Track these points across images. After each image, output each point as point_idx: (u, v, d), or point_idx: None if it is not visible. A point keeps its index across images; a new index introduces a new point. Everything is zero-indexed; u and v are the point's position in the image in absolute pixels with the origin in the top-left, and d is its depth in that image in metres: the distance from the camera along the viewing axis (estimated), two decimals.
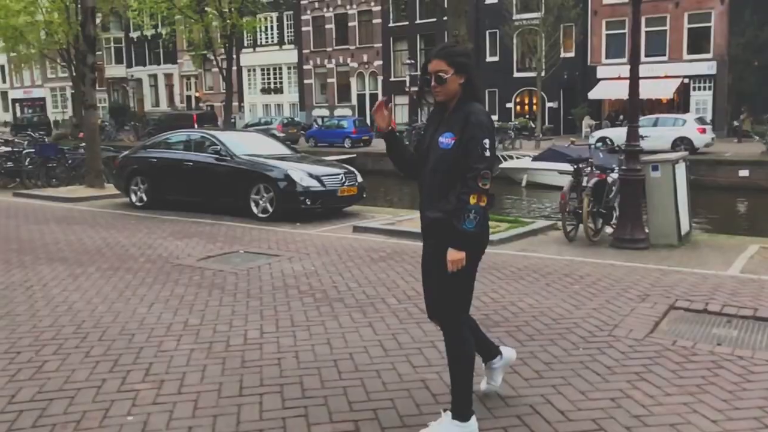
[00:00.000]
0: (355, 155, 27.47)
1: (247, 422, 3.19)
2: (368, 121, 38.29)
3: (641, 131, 7.93)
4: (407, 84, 38.54)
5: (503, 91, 37.37)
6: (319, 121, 39.91)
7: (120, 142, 34.79)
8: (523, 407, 3.32)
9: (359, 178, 10.59)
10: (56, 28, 39.61)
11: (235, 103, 41.25)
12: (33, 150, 15.30)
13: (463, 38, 8.94)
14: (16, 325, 4.77)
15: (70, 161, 15.10)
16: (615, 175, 8.23)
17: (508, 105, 37.71)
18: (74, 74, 41.89)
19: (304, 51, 45.47)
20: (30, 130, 35.53)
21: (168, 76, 53.75)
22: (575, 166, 8.22)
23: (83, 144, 15.90)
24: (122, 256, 7.27)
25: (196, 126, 30.48)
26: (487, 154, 2.78)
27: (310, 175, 9.92)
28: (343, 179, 10.21)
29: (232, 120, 37.75)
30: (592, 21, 34.62)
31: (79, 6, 37.96)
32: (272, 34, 47.03)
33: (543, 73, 29.82)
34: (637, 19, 7.51)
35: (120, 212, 10.94)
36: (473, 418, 2.99)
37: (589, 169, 8.34)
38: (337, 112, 42.52)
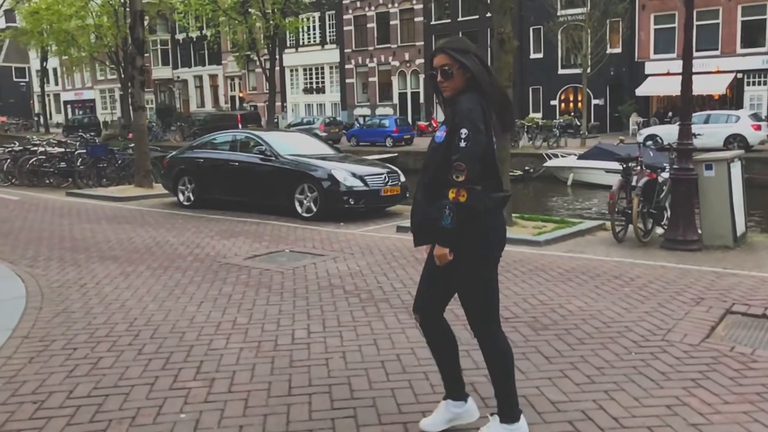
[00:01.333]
0: (396, 154, 27.48)
1: (297, 422, 3.20)
2: (410, 120, 38.29)
3: (693, 129, 7.69)
4: None
5: (547, 88, 36.83)
6: (361, 120, 40.08)
7: (167, 143, 35.55)
8: (574, 413, 3.25)
9: (402, 178, 10.58)
10: (105, 32, 40.80)
11: (278, 103, 41.76)
12: (84, 151, 15.77)
13: (508, 35, 8.80)
14: (72, 322, 4.90)
15: (119, 161, 15.52)
16: (666, 175, 8.01)
17: (552, 102, 37.14)
18: (122, 76, 43.07)
19: (346, 50, 45.66)
20: (81, 131, 36.64)
21: (213, 77, 54.69)
22: (624, 165, 8.03)
23: (132, 144, 16.31)
24: (171, 255, 7.42)
25: (240, 126, 30.96)
26: (462, 144, 2.57)
27: (354, 175, 9.96)
28: (387, 179, 10.21)
29: (275, 120, 38.22)
30: (639, 15, 33.79)
31: (127, 10, 39.07)
32: (314, 34, 47.38)
33: (589, 70, 29.24)
34: (690, 12, 7.29)
35: (168, 211, 11.18)
36: (522, 419, 2.94)
37: (638, 167, 8.14)
38: (379, 111, 42.58)
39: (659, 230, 7.86)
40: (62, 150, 16.41)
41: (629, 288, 5.60)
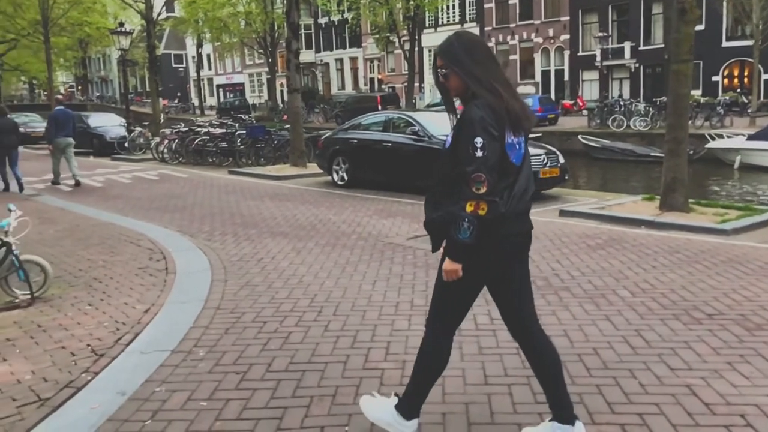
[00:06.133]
0: (540, 134, 26.47)
1: (501, 414, 3.06)
2: (553, 98, 36.84)
3: None
4: (597, 58, 36.39)
5: (709, 62, 33.72)
6: None
7: (310, 124, 36.78)
8: None
9: (561, 159, 10.10)
10: (254, 18, 42.88)
11: (416, 84, 41.85)
12: (244, 132, 16.63)
13: (690, 4, 8.02)
14: (257, 296, 5.10)
15: (275, 142, 16.21)
16: None
17: (714, 78, 34.02)
18: (270, 60, 45.18)
19: (486, 28, 44.67)
20: (232, 113, 38.92)
21: (353, 60, 55.86)
22: None
23: (286, 126, 16.97)
24: (335, 233, 7.56)
25: (380, 107, 31.35)
26: (479, 154, 2.40)
27: None
28: (545, 160, 9.78)
29: (413, 101, 38.36)
30: None
31: None
32: (454, 12, 46.79)
33: (760, 41, 26.39)
34: None
35: (324, 190, 11.49)
36: (414, 422, 2.78)
37: None
38: (520, 89, 41.24)
39: None
40: (223, 131, 17.41)
41: None
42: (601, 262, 5.83)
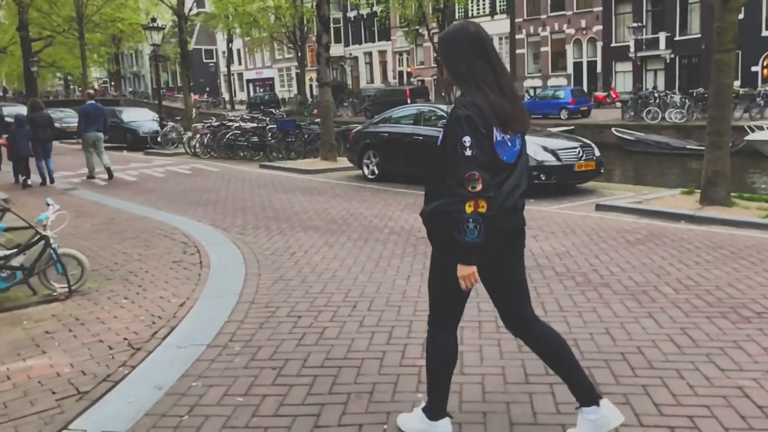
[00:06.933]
0: (572, 127, 26.11)
1: (544, 414, 2.97)
2: (586, 90, 36.24)
3: None
4: (631, 49, 35.67)
5: (748, 52, 32.74)
6: (531, 92, 38.68)
7: (339, 118, 36.75)
8: None
9: (597, 152, 9.90)
10: (284, 12, 42.98)
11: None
12: (274, 126, 16.68)
13: None
14: (291, 290, 5.07)
15: (305, 136, 16.22)
16: None
17: (753, 69, 33.07)
18: (299, 54, 45.30)
19: (517, 20, 44.15)
20: (262, 108, 39.12)
21: (382, 53, 55.72)
22: None
23: (316, 120, 16.98)
24: (367, 227, 7.51)
25: (409, 101, 31.24)
26: (468, 153, 2.37)
27: (545, 149, 9.47)
28: (580, 153, 9.60)
29: (443, 94, 38.13)
30: None
31: None
32: (484, 4, 46.33)
33: None
34: None
35: (354, 184, 11.45)
36: (443, 421, 2.72)
37: None
38: (551, 81, 40.83)
39: None
40: (254, 125, 17.49)
41: None
42: (641, 258, 5.68)
